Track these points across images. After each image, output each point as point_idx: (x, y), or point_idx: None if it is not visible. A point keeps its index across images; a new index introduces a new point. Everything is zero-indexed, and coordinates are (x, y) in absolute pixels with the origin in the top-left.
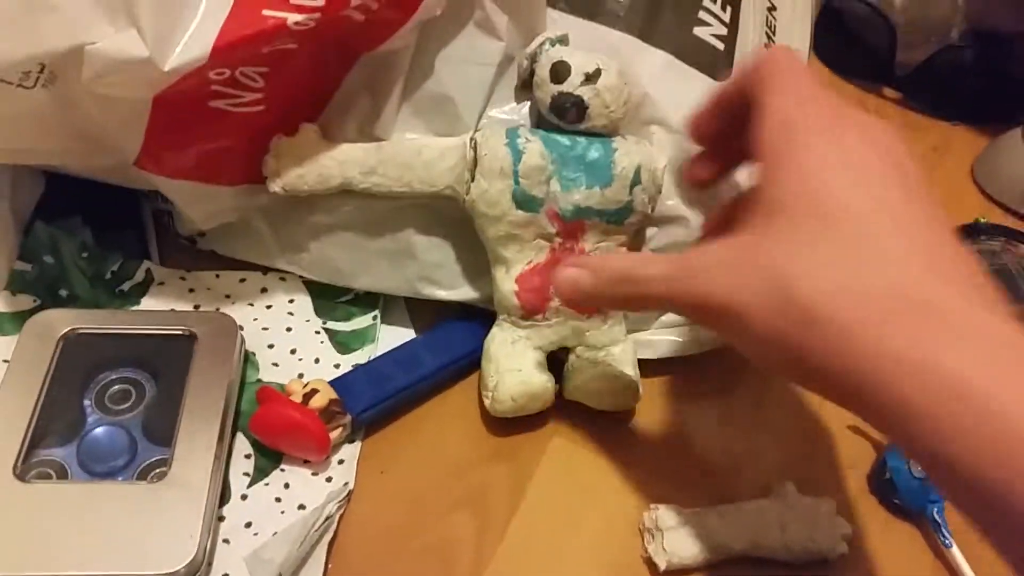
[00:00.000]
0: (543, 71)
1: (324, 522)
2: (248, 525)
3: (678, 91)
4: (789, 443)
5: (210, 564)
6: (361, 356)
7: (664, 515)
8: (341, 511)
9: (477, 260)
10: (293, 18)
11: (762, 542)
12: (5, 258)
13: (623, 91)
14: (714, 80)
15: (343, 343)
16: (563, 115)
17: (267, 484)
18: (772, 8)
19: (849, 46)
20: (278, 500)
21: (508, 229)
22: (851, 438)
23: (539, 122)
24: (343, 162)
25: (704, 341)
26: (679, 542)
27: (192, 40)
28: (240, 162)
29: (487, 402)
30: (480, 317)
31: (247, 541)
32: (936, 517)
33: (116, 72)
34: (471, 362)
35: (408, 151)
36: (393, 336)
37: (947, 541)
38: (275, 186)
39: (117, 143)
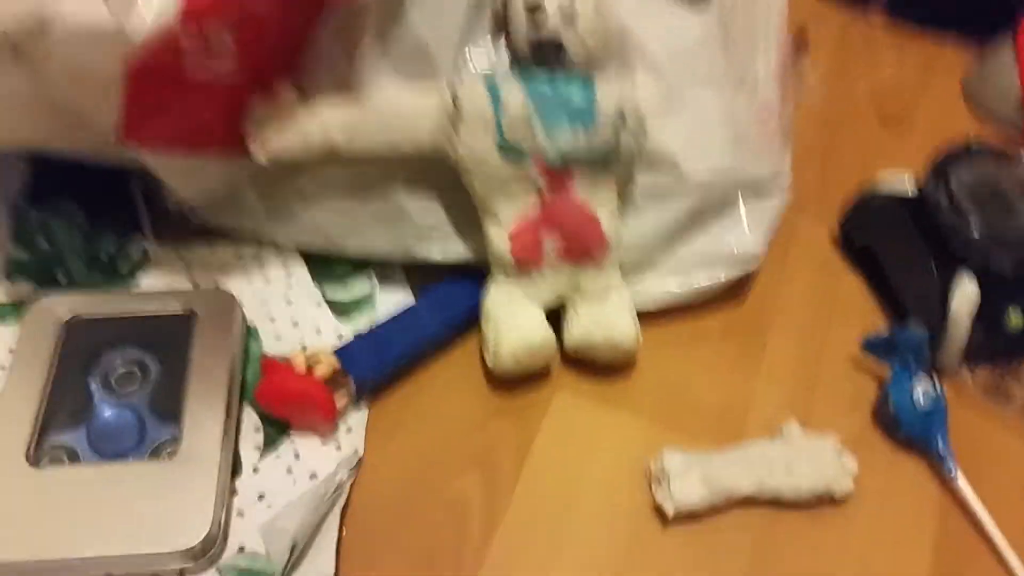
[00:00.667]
0: (518, 15)
1: (336, 490)
2: (261, 497)
3: (656, 23)
4: (793, 384)
5: (225, 537)
6: (362, 323)
7: (670, 461)
8: (352, 478)
9: (470, 219)
10: None
11: (769, 483)
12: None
13: (600, 26)
14: (692, 11)
15: (343, 312)
16: (543, 61)
17: (278, 456)
18: None
19: None
20: (289, 471)
21: (496, 182)
22: (855, 376)
23: (516, 59)
24: (324, 124)
25: (701, 290)
26: (686, 487)
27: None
28: (221, 131)
29: (489, 362)
30: (478, 275)
31: (261, 513)
32: (941, 449)
33: (80, 40)
34: (472, 320)
35: (388, 110)
36: (392, 303)
37: (952, 471)
38: (258, 153)
39: (95, 118)
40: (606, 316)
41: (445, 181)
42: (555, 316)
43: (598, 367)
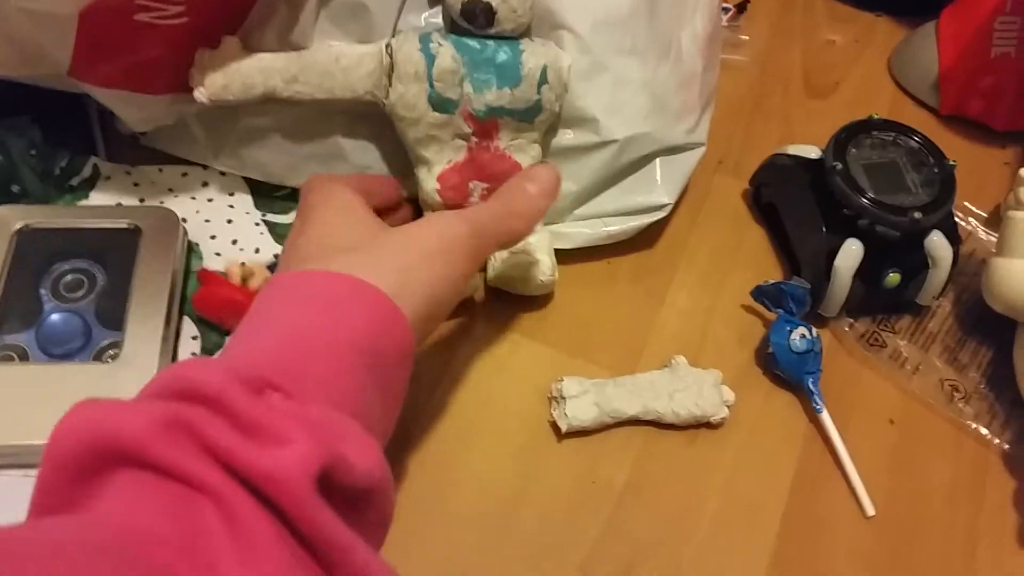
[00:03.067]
0: None
1: None
2: None
3: None
4: (689, 323)
5: None
6: None
7: (568, 384)
8: None
9: (404, 160)
10: None
11: (652, 407)
12: None
13: None
14: None
15: (282, 235)
16: (472, 20)
17: None
18: None
19: None
20: None
21: (426, 131)
22: (745, 318)
23: (452, 27)
24: (264, 70)
25: (613, 234)
26: (579, 408)
27: None
28: (168, 72)
29: None
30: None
31: None
32: (811, 386)
33: None
34: None
35: (326, 59)
36: None
37: (819, 407)
38: (201, 96)
39: (49, 54)
40: (526, 253)
41: (382, 125)
42: None
43: (517, 298)
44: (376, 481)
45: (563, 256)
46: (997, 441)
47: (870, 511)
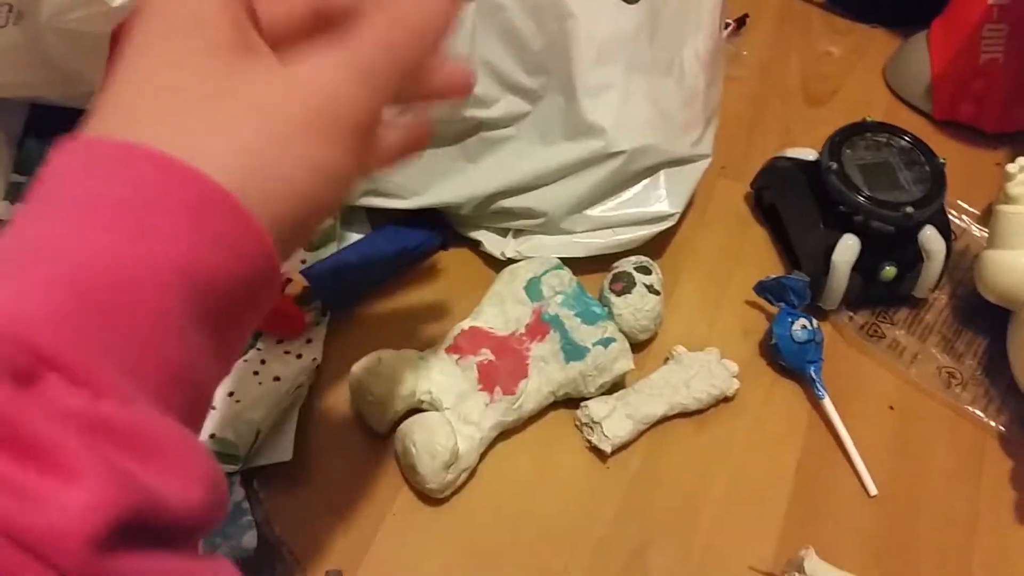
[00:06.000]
0: None
1: (296, 390)
2: (231, 394)
3: (597, 12)
4: (696, 318)
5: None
6: (324, 253)
7: (595, 407)
8: (311, 381)
9: (421, 171)
10: None
11: (675, 401)
12: (3, 172)
13: None
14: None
15: (308, 245)
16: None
17: (246, 361)
18: None
19: None
20: (255, 373)
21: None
22: (749, 312)
23: None
24: None
25: (623, 242)
26: (616, 426)
27: None
28: None
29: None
30: (428, 214)
31: (230, 407)
32: (813, 374)
33: (72, 8)
34: (421, 252)
35: None
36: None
37: (820, 393)
38: None
39: (85, 75)
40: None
41: None
42: None
43: None
44: (201, 515)
45: (573, 261)
46: (993, 424)
47: (872, 491)
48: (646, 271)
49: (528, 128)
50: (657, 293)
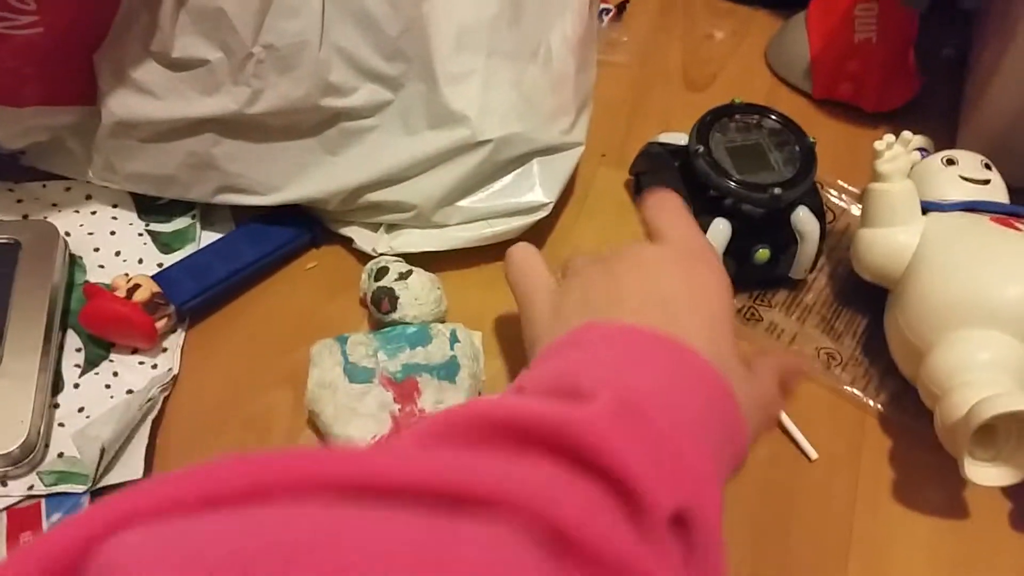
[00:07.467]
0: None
1: (148, 403)
2: (81, 410)
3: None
4: None
5: (47, 445)
6: (183, 255)
7: None
8: (166, 393)
9: (278, 166)
10: None
11: None
12: None
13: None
14: None
15: (166, 243)
16: (378, 305)
17: (97, 373)
18: None
19: None
20: (108, 387)
21: (346, 402)
22: None
23: None
24: None
25: (497, 234)
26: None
27: None
28: (29, 85)
29: None
30: (296, 210)
31: (80, 423)
32: None
33: None
34: (289, 251)
35: None
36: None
37: None
38: None
39: None
40: None
41: (256, 135)
42: None
43: None
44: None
45: (444, 259)
46: (872, 403)
47: (813, 455)
48: (384, 271)
49: (391, 118)
50: (407, 276)
